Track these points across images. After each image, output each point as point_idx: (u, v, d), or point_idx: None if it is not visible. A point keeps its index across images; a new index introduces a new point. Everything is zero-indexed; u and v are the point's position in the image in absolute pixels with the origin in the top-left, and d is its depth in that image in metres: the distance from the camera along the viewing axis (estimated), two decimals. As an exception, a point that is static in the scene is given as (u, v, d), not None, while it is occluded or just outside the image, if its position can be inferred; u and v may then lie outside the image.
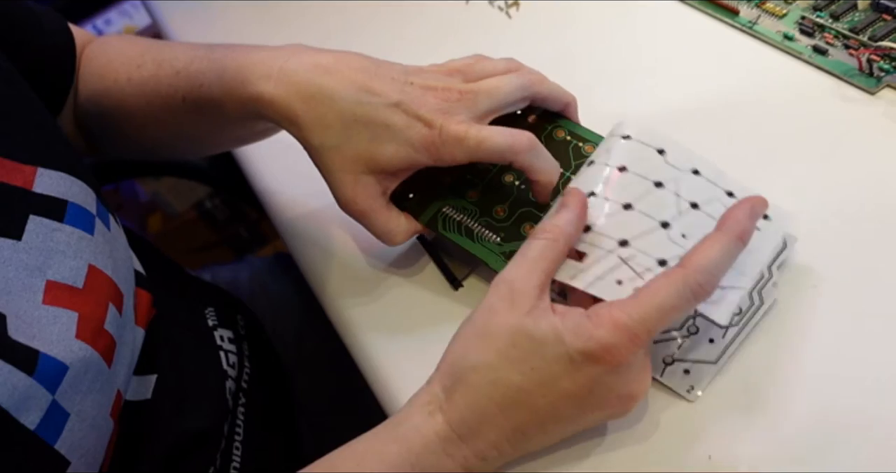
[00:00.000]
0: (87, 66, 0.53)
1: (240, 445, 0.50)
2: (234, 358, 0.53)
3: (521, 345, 0.35)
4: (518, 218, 0.45)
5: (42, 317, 0.35)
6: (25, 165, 0.38)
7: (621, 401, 0.36)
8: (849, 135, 0.48)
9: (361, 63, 0.43)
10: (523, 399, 0.35)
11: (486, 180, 0.46)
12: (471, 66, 0.45)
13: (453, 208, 0.46)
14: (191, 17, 0.79)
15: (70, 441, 0.35)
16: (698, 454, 0.37)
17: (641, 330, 0.34)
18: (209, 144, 0.57)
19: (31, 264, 0.36)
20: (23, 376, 0.33)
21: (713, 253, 0.34)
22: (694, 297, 0.34)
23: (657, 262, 0.37)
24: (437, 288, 0.48)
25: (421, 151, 0.41)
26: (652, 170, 0.39)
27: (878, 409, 0.37)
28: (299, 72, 0.42)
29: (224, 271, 0.72)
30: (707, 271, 0.34)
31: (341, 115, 0.41)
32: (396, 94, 0.41)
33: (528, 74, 0.45)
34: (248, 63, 0.43)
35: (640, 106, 0.53)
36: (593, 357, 0.34)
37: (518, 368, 0.35)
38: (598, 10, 0.62)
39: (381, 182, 0.43)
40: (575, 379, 0.35)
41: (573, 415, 0.36)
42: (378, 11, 0.70)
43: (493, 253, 0.44)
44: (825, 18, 0.53)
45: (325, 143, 0.42)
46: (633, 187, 0.39)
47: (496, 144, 0.41)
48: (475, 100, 0.42)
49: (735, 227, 0.35)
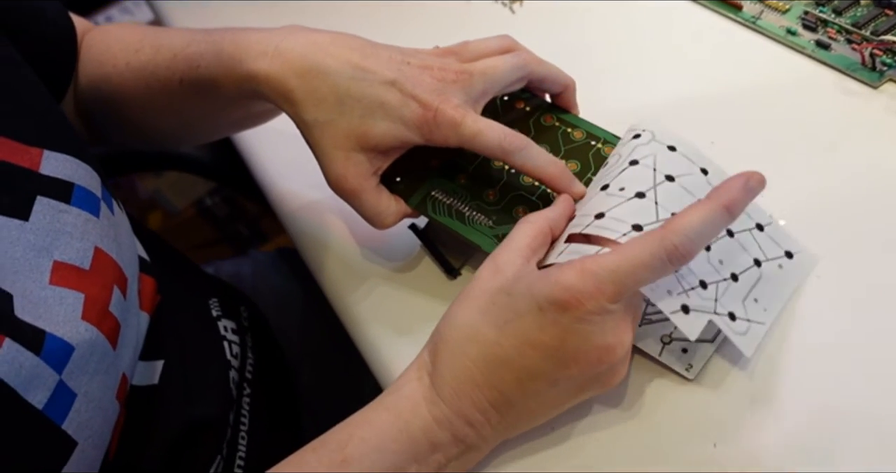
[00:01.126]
0: (87, 53, 0.53)
1: (245, 435, 0.50)
2: (238, 348, 0.53)
3: (498, 302, 0.36)
4: (510, 201, 0.45)
5: (48, 297, 0.35)
6: (32, 147, 0.39)
7: (599, 354, 0.35)
8: (851, 129, 0.48)
9: (358, 42, 0.43)
10: (497, 354, 0.36)
11: (475, 163, 0.46)
12: (465, 46, 0.45)
13: (443, 191, 0.45)
14: (192, 14, 0.79)
15: (77, 421, 0.35)
16: (704, 442, 0.38)
17: (608, 280, 0.34)
18: (208, 128, 0.57)
19: (38, 244, 0.36)
20: (30, 355, 0.33)
21: (694, 218, 0.34)
22: (668, 258, 0.33)
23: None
24: (442, 279, 0.48)
25: (413, 130, 0.41)
26: (664, 165, 0.40)
27: (880, 401, 0.37)
28: (295, 49, 0.42)
29: (227, 265, 0.73)
30: (684, 234, 0.33)
31: (335, 89, 0.41)
32: (392, 73, 0.41)
33: (525, 53, 0.45)
34: (245, 42, 0.43)
35: (644, 99, 0.54)
36: (559, 302, 0.34)
37: (494, 323, 0.36)
38: (601, 4, 0.62)
39: (373, 161, 0.43)
40: (544, 328, 0.35)
41: (549, 371, 0.35)
42: (380, 7, 0.70)
43: (486, 237, 0.44)
44: (828, 13, 0.53)
45: (318, 118, 0.42)
46: (645, 178, 0.39)
47: (488, 140, 0.41)
48: (471, 81, 0.42)
49: (724, 196, 0.34)
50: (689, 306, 0.36)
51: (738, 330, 0.37)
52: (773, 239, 0.41)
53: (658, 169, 0.39)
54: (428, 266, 0.49)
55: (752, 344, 0.38)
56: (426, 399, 0.37)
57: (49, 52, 0.50)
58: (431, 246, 0.48)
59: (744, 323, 0.38)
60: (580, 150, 0.46)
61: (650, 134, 0.41)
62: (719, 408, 0.39)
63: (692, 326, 0.36)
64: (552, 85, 0.46)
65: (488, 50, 0.44)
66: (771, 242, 0.41)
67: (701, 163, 0.40)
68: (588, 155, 0.45)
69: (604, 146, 0.45)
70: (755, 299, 0.39)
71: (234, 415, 0.50)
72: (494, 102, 0.48)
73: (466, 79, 0.42)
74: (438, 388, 0.36)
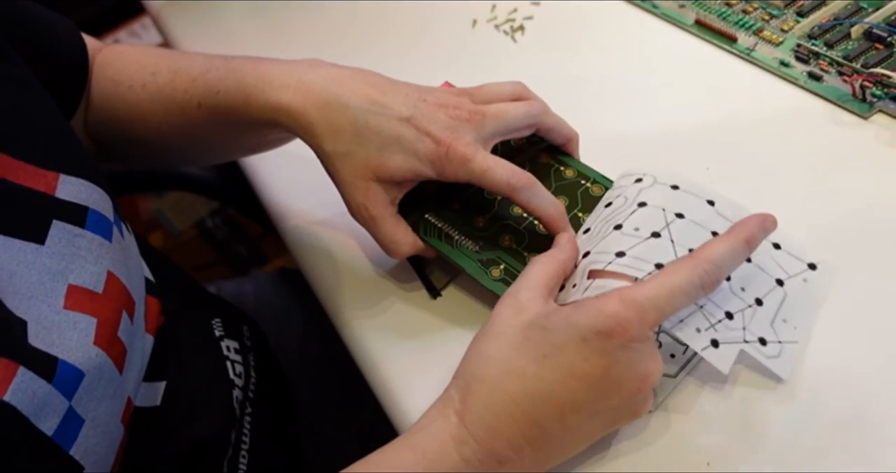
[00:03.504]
0: (101, 72, 0.54)
1: (246, 453, 0.51)
2: (241, 368, 0.53)
3: (533, 337, 0.36)
4: (497, 230, 0.46)
5: (62, 322, 0.36)
6: (48, 171, 0.39)
7: (638, 382, 0.35)
8: (842, 158, 0.49)
9: (377, 78, 0.45)
10: (539, 388, 0.35)
11: (469, 192, 0.48)
12: (480, 88, 0.46)
13: (436, 216, 0.47)
14: (201, 38, 0.80)
15: (84, 446, 0.35)
16: (697, 460, 0.38)
17: (651, 307, 0.34)
18: (220, 151, 0.58)
19: (53, 268, 0.37)
20: (42, 383, 0.33)
21: (721, 247, 0.36)
22: (701, 284, 0.35)
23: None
24: (445, 300, 0.49)
25: (426, 164, 0.43)
26: (672, 204, 0.41)
27: (873, 415, 0.38)
28: (317, 82, 0.43)
29: (229, 285, 0.73)
30: (714, 262, 0.35)
31: (354, 122, 0.43)
32: (408, 109, 0.43)
33: (537, 103, 0.47)
34: (268, 74, 0.44)
35: (641, 126, 0.55)
36: (605, 332, 0.34)
37: (531, 357, 0.35)
38: (600, 36, 0.64)
39: (388, 191, 0.44)
40: (589, 358, 0.35)
41: (592, 402, 0.35)
42: (385, 34, 0.71)
43: (471, 260, 0.45)
44: (820, 46, 0.54)
45: (336, 150, 0.43)
46: (656, 219, 0.40)
47: (497, 177, 0.42)
48: (482, 122, 0.44)
49: (744, 232, 0.37)
50: (719, 340, 0.37)
51: (770, 353, 0.38)
52: (792, 255, 0.41)
53: (667, 208, 0.40)
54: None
55: (788, 366, 0.38)
56: (454, 438, 0.36)
57: (61, 72, 0.51)
58: (417, 266, 0.49)
59: (775, 345, 0.38)
60: (569, 187, 0.47)
61: (651, 177, 0.43)
62: (712, 427, 0.39)
63: (724, 360, 0.37)
64: (557, 136, 0.48)
65: (502, 94, 0.46)
66: (791, 258, 0.41)
67: (706, 196, 0.41)
68: (577, 192, 0.47)
69: (593, 185, 0.47)
70: (783, 319, 0.39)
71: (235, 434, 0.50)
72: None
73: (479, 119, 0.44)
74: (470, 426, 0.36)
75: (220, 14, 0.83)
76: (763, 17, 0.58)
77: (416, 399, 0.45)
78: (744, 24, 0.58)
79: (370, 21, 0.74)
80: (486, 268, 0.45)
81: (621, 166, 0.47)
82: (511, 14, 0.68)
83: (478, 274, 0.45)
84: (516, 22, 0.67)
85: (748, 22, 0.58)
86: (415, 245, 0.46)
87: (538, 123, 0.46)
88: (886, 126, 0.50)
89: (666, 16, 0.62)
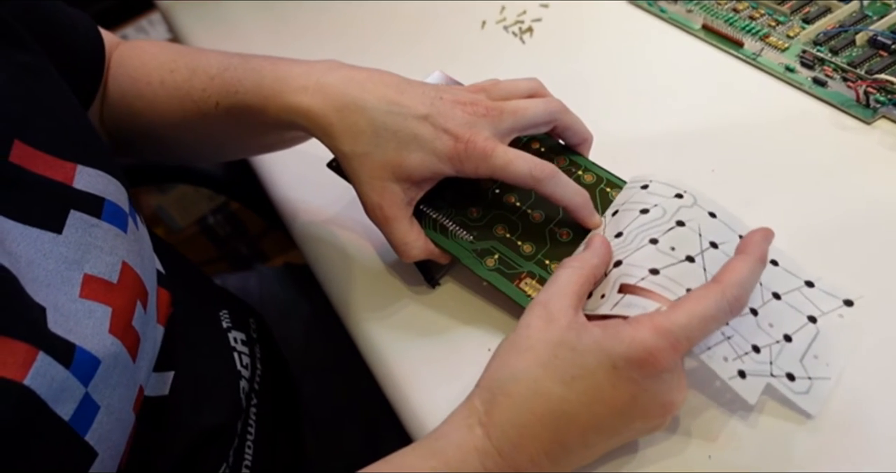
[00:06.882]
0: (119, 68, 0.54)
1: (252, 444, 0.51)
2: (248, 359, 0.54)
3: (562, 357, 0.36)
4: (491, 219, 0.47)
5: (78, 311, 0.36)
6: (67, 162, 0.40)
7: (663, 410, 0.36)
8: (845, 162, 0.50)
9: (393, 79, 0.45)
10: (565, 410, 0.35)
11: (463, 182, 0.48)
12: (496, 84, 0.47)
13: (430, 206, 0.47)
14: (210, 34, 0.81)
15: (99, 433, 0.35)
16: (699, 454, 0.39)
17: (683, 337, 0.34)
18: (236, 149, 0.59)
19: (70, 257, 0.37)
20: (60, 368, 0.33)
21: (743, 270, 0.36)
22: (730, 309, 0.35)
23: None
24: (452, 293, 0.49)
25: (445, 161, 0.43)
26: (708, 232, 0.41)
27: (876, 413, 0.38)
28: (335, 84, 0.44)
29: (234, 279, 0.74)
30: (740, 285, 0.36)
31: (372, 123, 0.43)
32: (425, 108, 0.43)
33: (555, 101, 0.47)
34: (287, 75, 0.45)
35: (648, 128, 0.56)
36: (636, 361, 0.34)
37: (560, 378, 0.35)
38: (608, 39, 0.64)
39: (406, 191, 0.45)
40: (617, 386, 0.35)
41: (616, 425, 0.36)
42: (393, 33, 0.72)
43: (466, 250, 0.46)
44: (825, 52, 0.55)
45: (355, 150, 0.44)
46: (692, 242, 0.40)
47: (519, 169, 0.42)
48: (500, 118, 0.44)
49: (755, 251, 0.37)
50: (746, 371, 0.37)
51: (799, 389, 0.38)
52: (826, 292, 0.41)
53: (703, 235, 0.40)
54: (444, 283, 0.50)
55: (817, 402, 0.38)
56: (478, 450, 0.36)
57: (79, 65, 0.52)
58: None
59: (804, 381, 0.38)
60: (586, 189, 0.47)
61: (692, 197, 0.42)
62: (714, 421, 0.40)
63: (751, 391, 0.37)
64: (573, 136, 0.48)
65: (518, 91, 0.46)
66: (824, 295, 0.41)
67: (738, 230, 0.41)
68: (595, 193, 0.47)
69: (606, 186, 0.47)
70: (815, 356, 0.39)
71: (241, 424, 0.51)
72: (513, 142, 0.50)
73: (496, 115, 0.44)
74: (495, 440, 0.36)
75: (228, 10, 0.83)
76: (769, 23, 0.59)
77: (424, 393, 0.45)
78: (750, 30, 0.59)
79: (378, 20, 0.74)
80: (480, 258, 0.45)
81: (628, 167, 0.47)
82: (520, 16, 0.68)
83: (473, 265, 0.45)
84: (525, 23, 0.67)
85: (755, 27, 0.59)
86: (426, 249, 0.46)
87: (556, 120, 0.46)
88: (889, 131, 0.50)
89: (673, 20, 0.63)
